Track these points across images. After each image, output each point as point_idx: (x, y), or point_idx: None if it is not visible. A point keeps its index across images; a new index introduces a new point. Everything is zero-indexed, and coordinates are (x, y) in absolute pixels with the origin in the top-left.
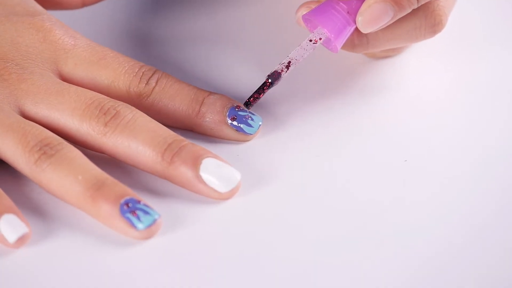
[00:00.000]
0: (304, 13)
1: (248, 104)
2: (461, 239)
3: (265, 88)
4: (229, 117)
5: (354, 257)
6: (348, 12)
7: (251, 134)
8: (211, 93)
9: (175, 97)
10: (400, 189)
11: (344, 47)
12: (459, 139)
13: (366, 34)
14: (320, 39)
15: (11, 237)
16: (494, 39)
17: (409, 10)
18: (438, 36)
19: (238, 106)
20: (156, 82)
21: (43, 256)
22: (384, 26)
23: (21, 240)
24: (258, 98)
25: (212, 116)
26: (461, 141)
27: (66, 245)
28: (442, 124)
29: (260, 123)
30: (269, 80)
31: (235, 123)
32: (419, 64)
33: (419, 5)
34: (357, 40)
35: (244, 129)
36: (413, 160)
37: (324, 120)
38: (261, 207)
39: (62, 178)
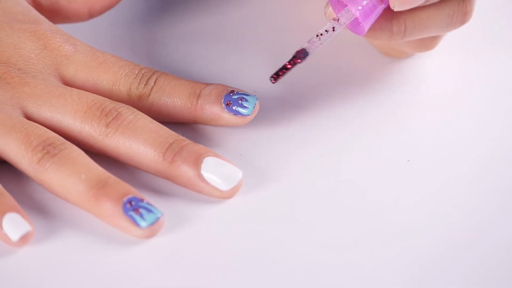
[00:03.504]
0: None
1: (278, 75)
2: (465, 239)
3: (292, 62)
4: (224, 103)
5: (358, 257)
6: None
7: (248, 115)
8: (207, 84)
9: (173, 93)
10: (403, 189)
11: (381, 37)
12: (462, 139)
13: (404, 21)
14: (344, 20)
15: (14, 236)
16: (499, 40)
17: None
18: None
19: (232, 91)
20: (155, 82)
21: (46, 255)
22: (419, 4)
23: (24, 239)
24: (285, 72)
25: (209, 106)
26: (464, 141)
27: (68, 244)
28: (444, 124)
29: (256, 102)
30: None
31: (231, 107)
32: (422, 64)
33: None
34: (396, 27)
35: (240, 111)
36: (416, 160)
37: (327, 120)
38: (263, 206)
39: (65, 177)
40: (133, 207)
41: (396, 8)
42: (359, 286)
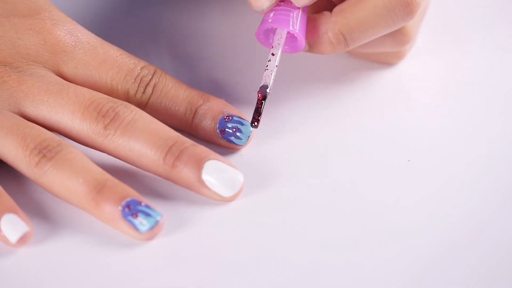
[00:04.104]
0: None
1: (256, 119)
2: (465, 239)
3: (259, 102)
4: (218, 129)
5: (358, 257)
6: (283, 1)
7: (241, 145)
8: (204, 100)
9: (170, 106)
10: (404, 189)
11: (326, 49)
12: (462, 139)
13: (339, 30)
14: (276, 46)
15: (13, 237)
16: (499, 39)
17: None
18: (438, 34)
19: (228, 117)
20: (153, 90)
21: (46, 255)
22: None
23: (23, 240)
24: (260, 112)
25: (204, 127)
26: (464, 141)
27: (68, 245)
28: (445, 124)
29: (250, 134)
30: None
31: (225, 136)
32: (422, 64)
33: None
34: (334, 39)
35: (233, 141)
36: (416, 160)
37: (328, 120)
38: (264, 207)
39: (64, 180)
40: (131, 211)
41: (297, 4)
42: (359, 286)
